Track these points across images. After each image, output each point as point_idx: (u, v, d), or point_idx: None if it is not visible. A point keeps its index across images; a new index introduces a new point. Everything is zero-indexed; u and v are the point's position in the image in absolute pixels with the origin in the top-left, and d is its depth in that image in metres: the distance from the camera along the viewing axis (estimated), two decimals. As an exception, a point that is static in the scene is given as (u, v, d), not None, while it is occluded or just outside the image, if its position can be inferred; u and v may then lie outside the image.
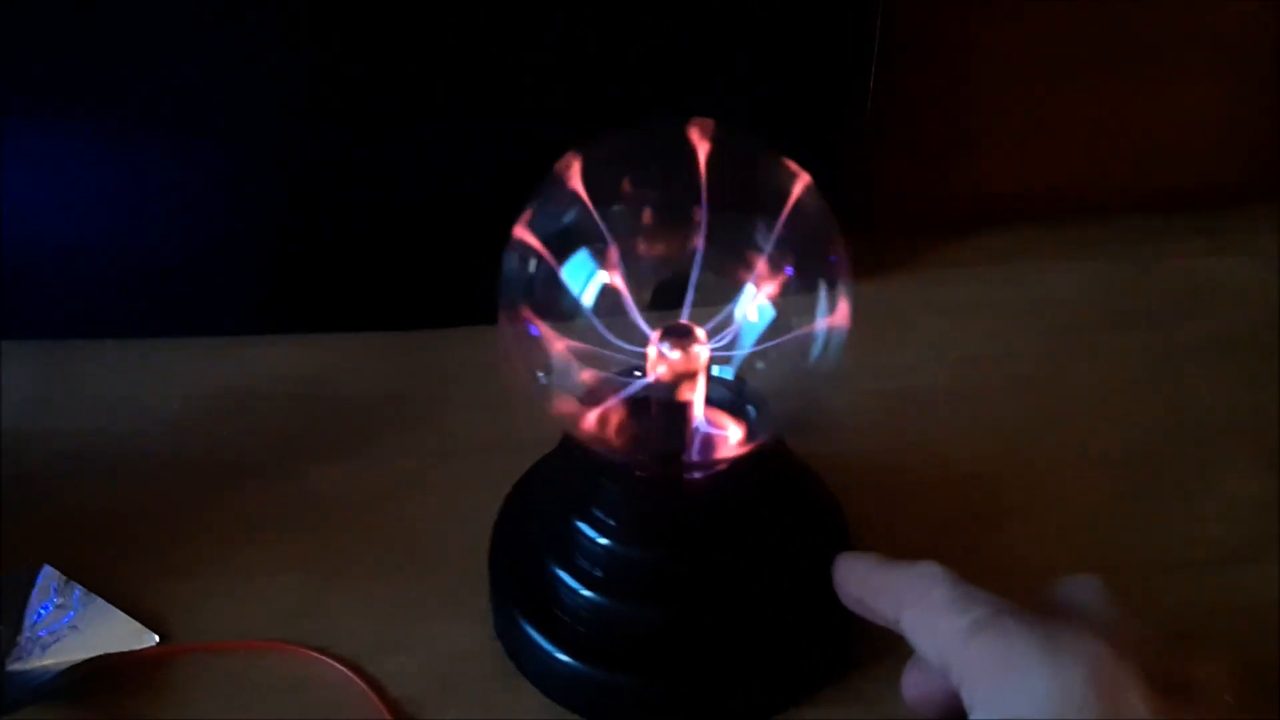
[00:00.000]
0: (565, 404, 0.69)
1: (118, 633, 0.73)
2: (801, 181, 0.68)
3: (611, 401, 0.68)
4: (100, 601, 0.75)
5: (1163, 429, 0.90)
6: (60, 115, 0.86)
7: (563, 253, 0.66)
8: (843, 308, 0.69)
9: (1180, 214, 1.10)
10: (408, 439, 0.84)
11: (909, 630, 0.59)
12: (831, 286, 0.69)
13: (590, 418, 0.68)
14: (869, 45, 0.91)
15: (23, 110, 0.85)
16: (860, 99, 0.93)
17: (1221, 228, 1.09)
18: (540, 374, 0.68)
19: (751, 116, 0.85)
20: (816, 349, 0.69)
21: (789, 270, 0.68)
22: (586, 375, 0.68)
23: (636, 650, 0.69)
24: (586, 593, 0.69)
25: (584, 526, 0.69)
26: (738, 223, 0.67)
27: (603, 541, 0.69)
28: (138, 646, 0.72)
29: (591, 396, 0.69)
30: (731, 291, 0.67)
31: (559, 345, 0.67)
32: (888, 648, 0.70)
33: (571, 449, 0.72)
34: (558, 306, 0.67)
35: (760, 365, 0.69)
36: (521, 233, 0.67)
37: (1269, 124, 1.09)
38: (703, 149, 0.65)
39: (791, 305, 0.68)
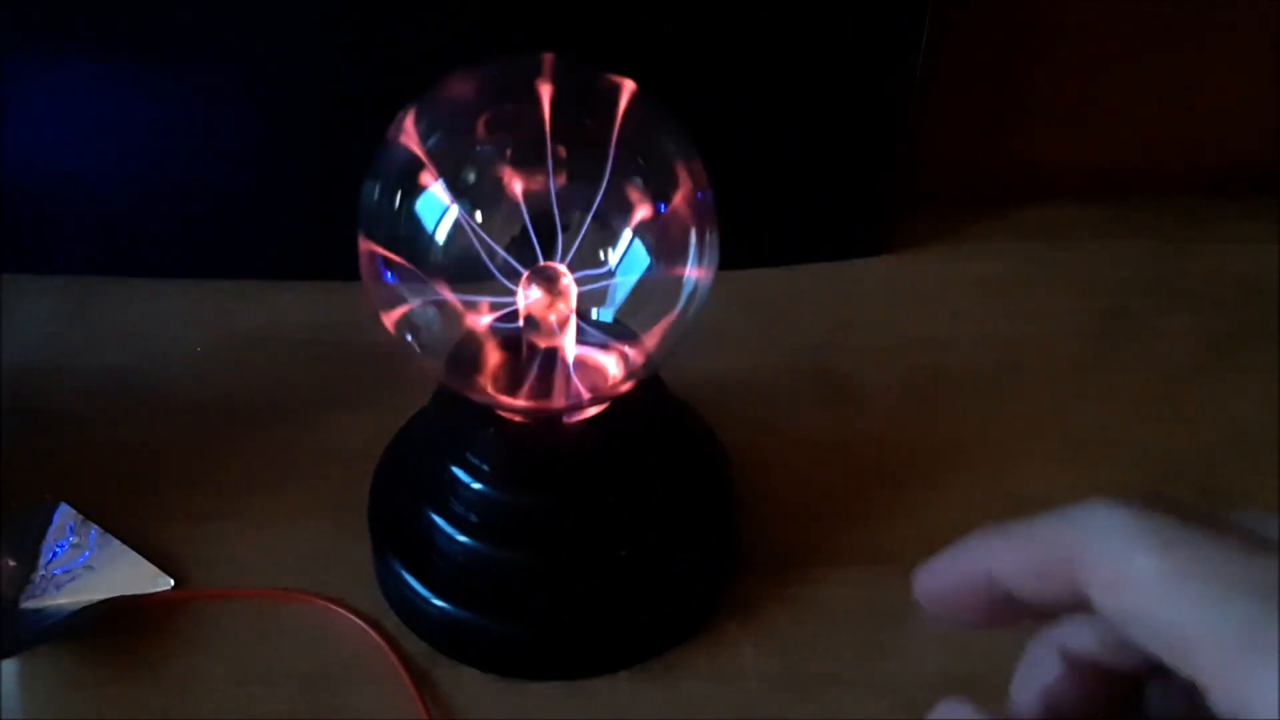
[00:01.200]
0: (431, 354, 0.69)
1: (132, 575, 0.74)
2: (667, 125, 0.67)
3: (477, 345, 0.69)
4: (116, 543, 0.76)
5: (1203, 418, 0.86)
6: (89, 49, 0.86)
7: (414, 192, 0.66)
8: (711, 245, 0.68)
9: (1230, 198, 1.03)
10: (428, 387, 0.80)
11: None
12: (700, 224, 0.67)
13: (459, 365, 0.69)
14: (920, 15, 0.88)
15: (50, 43, 0.85)
16: (909, 69, 0.91)
17: (1273, 214, 1.02)
18: (406, 324, 0.68)
19: (800, 85, 0.91)
20: (687, 286, 0.68)
21: (659, 208, 0.66)
22: (454, 321, 0.68)
23: (513, 594, 0.70)
24: (461, 538, 0.70)
25: (459, 471, 0.69)
26: (596, 161, 0.65)
27: (476, 486, 0.69)
28: (152, 590, 0.73)
29: (461, 343, 0.69)
30: (602, 233, 0.66)
31: (421, 291, 0.67)
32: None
33: (447, 396, 0.72)
34: (416, 249, 0.66)
35: (633, 305, 0.68)
36: (374, 174, 0.67)
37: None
38: (547, 88, 0.65)
39: (662, 244, 0.67)
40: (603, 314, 0.69)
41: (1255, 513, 0.41)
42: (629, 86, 0.65)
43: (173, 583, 0.74)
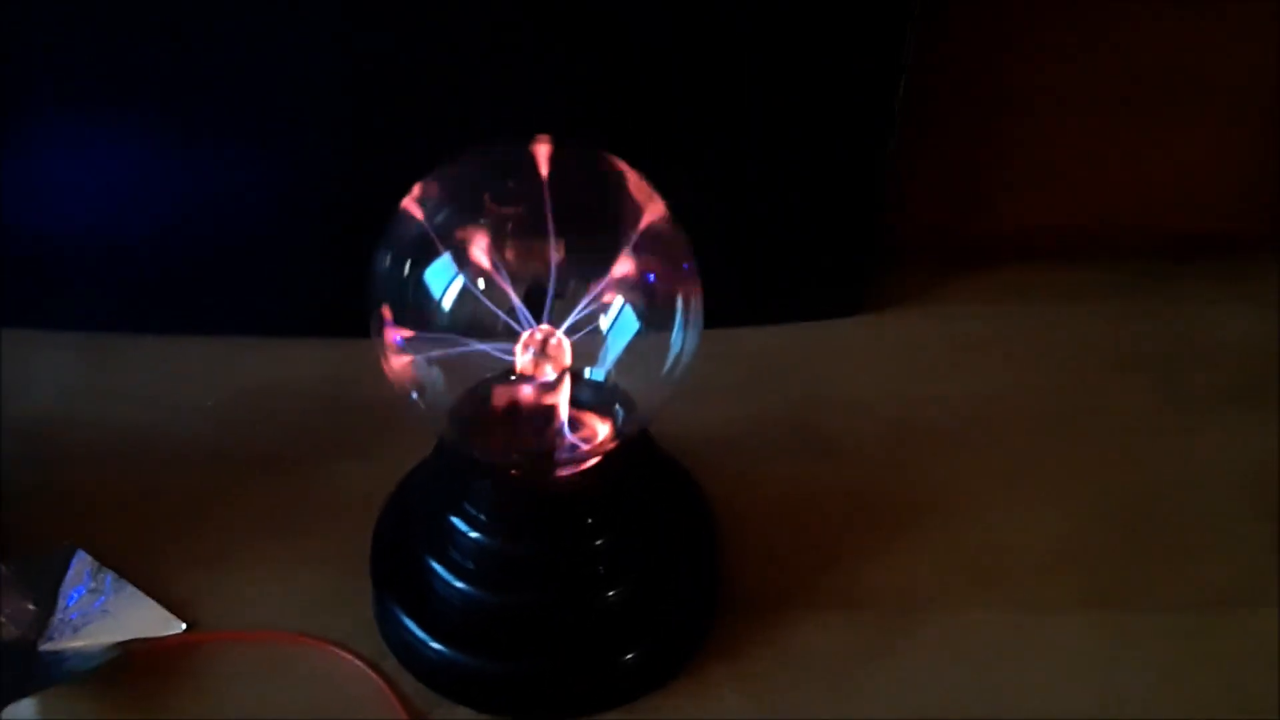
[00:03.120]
0: (434, 411, 0.72)
1: (147, 619, 0.76)
2: (653, 200, 0.70)
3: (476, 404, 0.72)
4: (131, 588, 0.78)
5: (1168, 472, 0.89)
6: (106, 107, 0.87)
7: (422, 261, 0.69)
8: (695, 311, 0.71)
9: (1199, 260, 1.07)
10: (429, 440, 0.82)
11: None
12: (685, 292, 0.71)
13: (459, 422, 0.72)
14: (896, 79, 0.91)
15: (66, 104, 0.87)
16: (887, 134, 0.93)
17: (1240, 276, 1.06)
18: (412, 382, 0.71)
19: (780, 150, 0.94)
20: (673, 350, 0.71)
21: (648, 278, 0.70)
22: (456, 382, 0.72)
23: (507, 638, 0.73)
24: (459, 583, 0.73)
25: (457, 521, 0.72)
26: (594, 235, 0.69)
27: (474, 535, 0.72)
28: (166, 633, 0.75)
29: (462, 401, 0.72)
30: (595, 300, 0.70)
31: (427, 352, 0.70)
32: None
33: (447, 449, 0.75)
34: (423, 314, 0.69)
35: (623, 366, 0.71)
36: (389, 245, 0.70)
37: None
38: (546, 166, 0.68)
39: (651, 311, 0.70)
40: (595, 374, 0.72)
41: None
42: (621, 167, 0.69)
43: (185, 626, 0.76)
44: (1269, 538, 0.83)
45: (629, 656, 0.73)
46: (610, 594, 0.73)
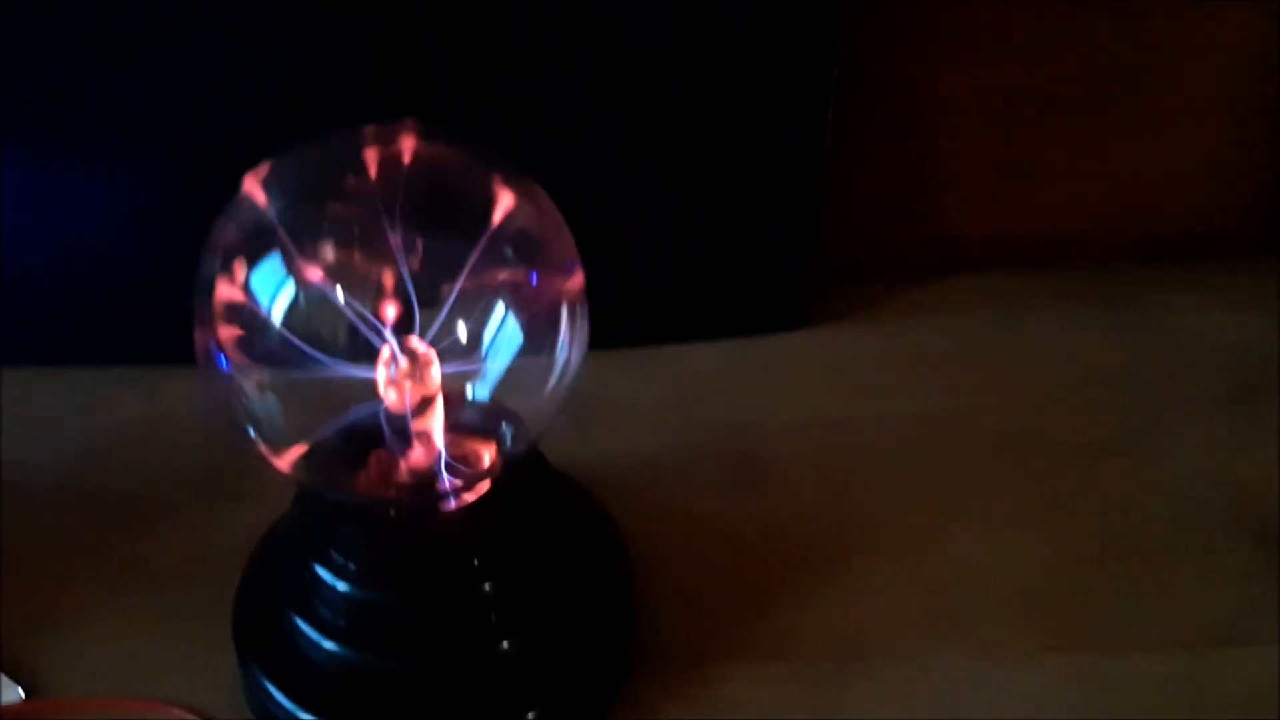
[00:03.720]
0: (277, 448, 0.65)
1: None
2: (529, 191, 0.63)
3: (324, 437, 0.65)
4: None
5: (1141, 496, 0.83)
6: None
7: (252, 264, 0.62)
8: (581, 315, 0.65)
9: (1160, 264, 1.02)
10: None
11: None
12: (571, 294, 0.64)
13: (311, 458, 0.65)
14: (827, 82, 0.87)
15: None
16: (820, 136, 0.89)
17: (1205, 280, 1.01)
18: (245, 415, 0.64)
19: (710, 154, 0.89)
20: (559, 359, 0.64)
21: (532, 279, 0.63)
22: (301, 410, 0.65)
23: (387, 704, 0.66)
24: (327, 644, 0.66)
25: (322, 571, 0.65)
26: (462, 231, 0.61)
27: (341, 587, 0.65)
28: (1, 702, 0.70)
29: (313, 435, 0.65)
30: (466, 306, 0.62)
31: (257, 377, 0.63)
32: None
33: (307, 489, 0.69)
34: (254, 330, 0.62)
35: (504, 383, 0.64)
36: (213, 247, 0.63)
37: (1261, 172, 1.00)
38: (407, 152, 0.61)
39: (532, 318, 0.64)
40: (477, 391, 0.65)
41: None
42: (495, 154, 0.63)
43: (22, 694, 0.70)
44: (1259, 565, 0.77)
45: (529, 718, 0.66)
46: (504, 646, 0.66)
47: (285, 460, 0.64)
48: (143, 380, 0.93)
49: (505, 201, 0.61)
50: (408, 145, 0.61)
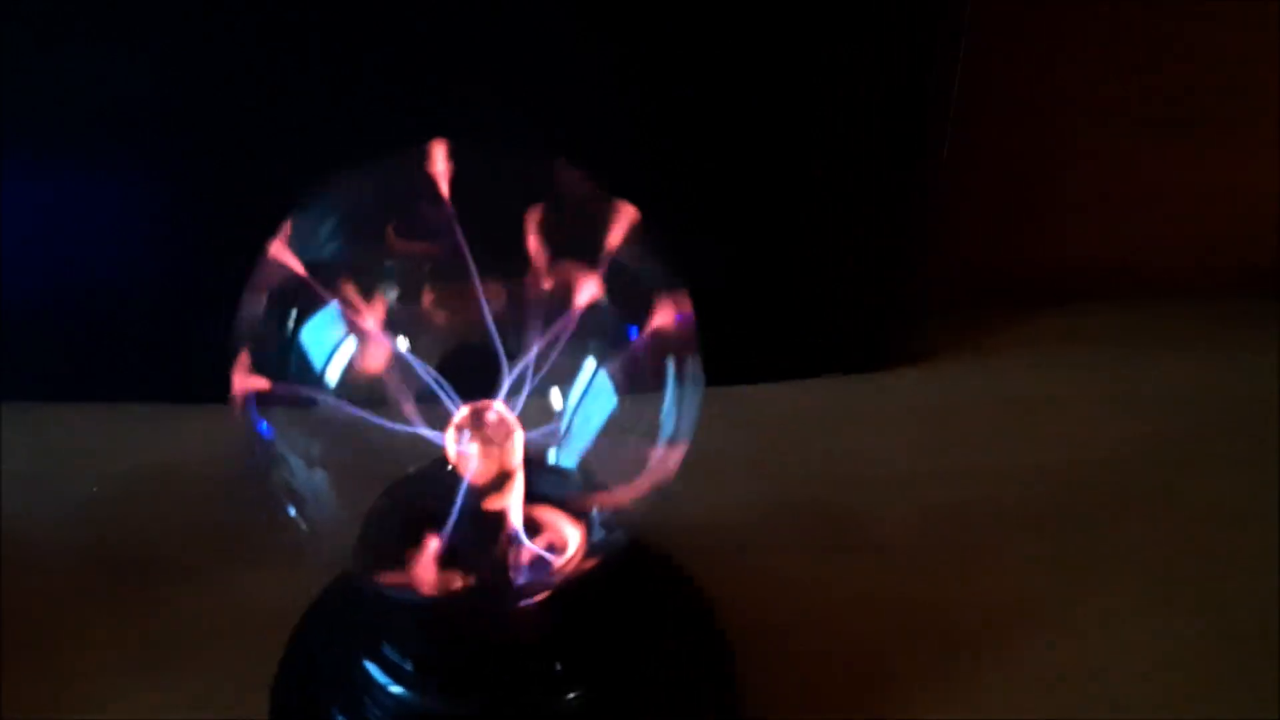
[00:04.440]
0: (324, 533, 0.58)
1: None
2: (626, 218, 0.56)
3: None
4: None
5: None
6: None
7: (299, 318, 0.56)
8: (693, 377, 0.58)
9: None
10: None
11: None
12: (679, 349, 0.58)
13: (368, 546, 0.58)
14: (942, 109, 0.84)
15: None
16: (927, 163, 0.85)
17: None
18: (287, 492, 0.57)
19: (807, 178, 0.85)
20: (667, 427, 0.58)
21: (631, 333, 0.56)
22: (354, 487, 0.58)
23: None
24: None
25: (373, 668, 0.59)
26: (547, 276, 0.55)
27: (395, 690, 0.58)
28: None
29: (369, 517, 0.59)
30: (557, 363, 0.56)
31: (306, 448, 0.56)
32: None
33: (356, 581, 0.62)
34: (301, 393, 0.56)
35: (597, 451, 0.58)
36: (257, 287, 0.56)
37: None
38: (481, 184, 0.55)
39: (632, 378, 0.58)
40: (561, 461, 0.59)
41: None
42: (591, 184, 0.56)
43: None
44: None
45: None
46: None
47: (328, 546, 0.59)
48: (156, 419, 0.87)
49: (605, 232, 0.55)
50: (479, 168, 0.55)
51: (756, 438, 0.86)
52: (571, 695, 0.58)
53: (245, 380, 0.55)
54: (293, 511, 0.57)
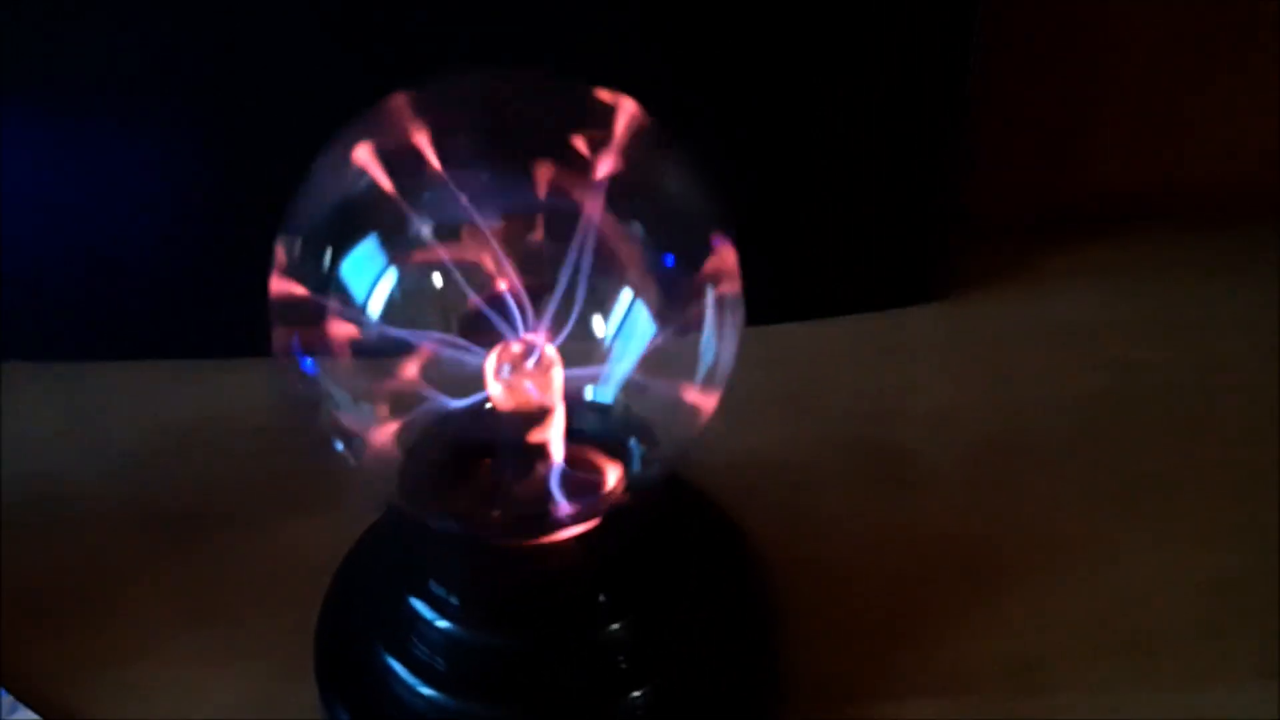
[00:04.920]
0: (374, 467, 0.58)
1: None
2: (658, 141, 0.56)
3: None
4: (7, 699, 0.68)
5: None
6: None
7: (340, 249, 0.56)
8: (736, 302, 0.58)
9: None
10: None
11: None
12: (719, 276, 0.57)
13: (410, 479, 0.58)
14: (969, 25, 0.82)
15: None
16: (959, 87, 0.83)
17: None
18: (335, 427, 0.58)
19: (836, 107, 0.84)
20: (705, 357, 0.58)
21: (666, 260, 0.57)
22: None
23: None
24: (426, 690, 0.59)
25: (419, 605, 0.59)
26: (584, 202, 0.54)
27: (442, 624, 0.59)
28: None
29: (412, 450, 0.59)
30: (593, 294, 0.56)
31: (353, 382, 0.56)
32: None
33: (401, 512, 0.62)
34: (343, 326, 0.56)
35: (637, 385, 0.58)
36: (294, 223, 0.57)
37: None
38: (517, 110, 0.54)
39: (672, 306, 0.58)
40: (599, 396, 0.59)
41: None
42: (627, 108, 0.55)
43: None
44: None
45: None
46: (636, 695, 0.59)
47: (378, 480, 0.59)
48: (194, 375, 0.87)
49: (638, 153, 0.55)
50: (517, 93, 0.55)
51: (794, 376, 0.86)
52: (615, 626, 0.59)
53: (284, 318, 0.56)
54: (339, 446, 0.58)
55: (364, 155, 0.55)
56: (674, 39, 0.81)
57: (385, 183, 0.54)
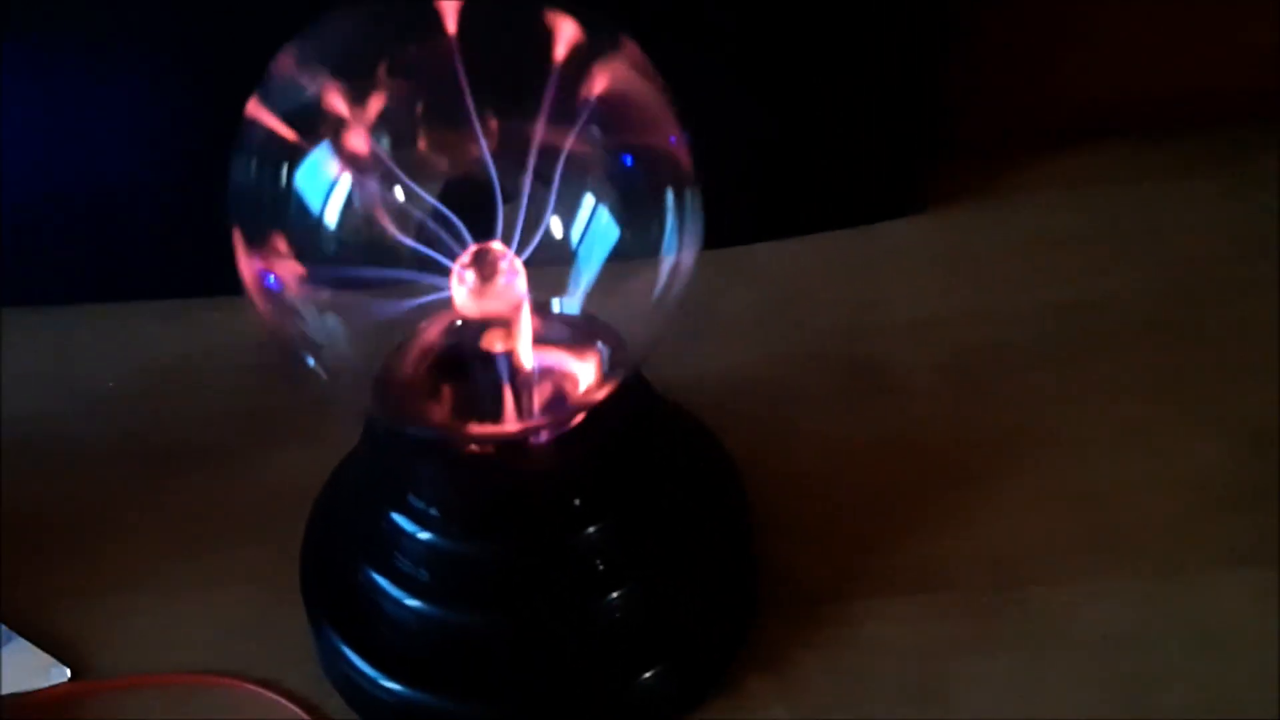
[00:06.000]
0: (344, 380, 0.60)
1: (20, 667, 0.67)
2: (619, 52, 0.57)
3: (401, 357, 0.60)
4: (4, 630, 0.69)
5: None
6: None
7: (294, 164, 0.56)
8: (692, 203, 0.59)
9: None
10: None
11: None
12: (675, 176, 0.58)
13: (384, 389, 0.60)
14: None
15: None
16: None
17: None
18: (304, 342, 0.59)
19: (811, 19, 0.84)
20: (667, 258, 0.59)
21: (624, 160, 0.58)
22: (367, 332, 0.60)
23: (481, 668, 0.62)
24: (411, 601, 0.61)
25: (400, 519, 0.61)
26: (537, 109, 0.55)
27: (424, 536, 0.60)
28: (45, 684, 0.67)
29: (385, 362, 0.61)
30: (552, 200, 0.57)
31: (314, 295, 0.57)
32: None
33: (379, 427, 0.63)
34: (305, 241, 0.57)
35: (600, 289, 0.59)
36: (245, 144, 0.57)
37: None
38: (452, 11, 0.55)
39: (631, 208, 0.59)
40: (565, 305, 0.60)
41: None
42: (612, 39, 0.57)
43: (69, 674, 0.67)
44: None
45: (646, 677, 0.62)
46: (614, 597, 0.61)
47: (350, 393, 0.61)
48: (174, 315, 0.89)
49: (598, 63, 0.56)
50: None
51: (774, 293, 0.87)
52: (591, 530, 0.61)
53: (246, 239, 0.57)
54: (311, 361, 0.59)
55: (303, 78, 0.56)
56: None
57: (338, 103, 0.55)
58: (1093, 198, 0.93)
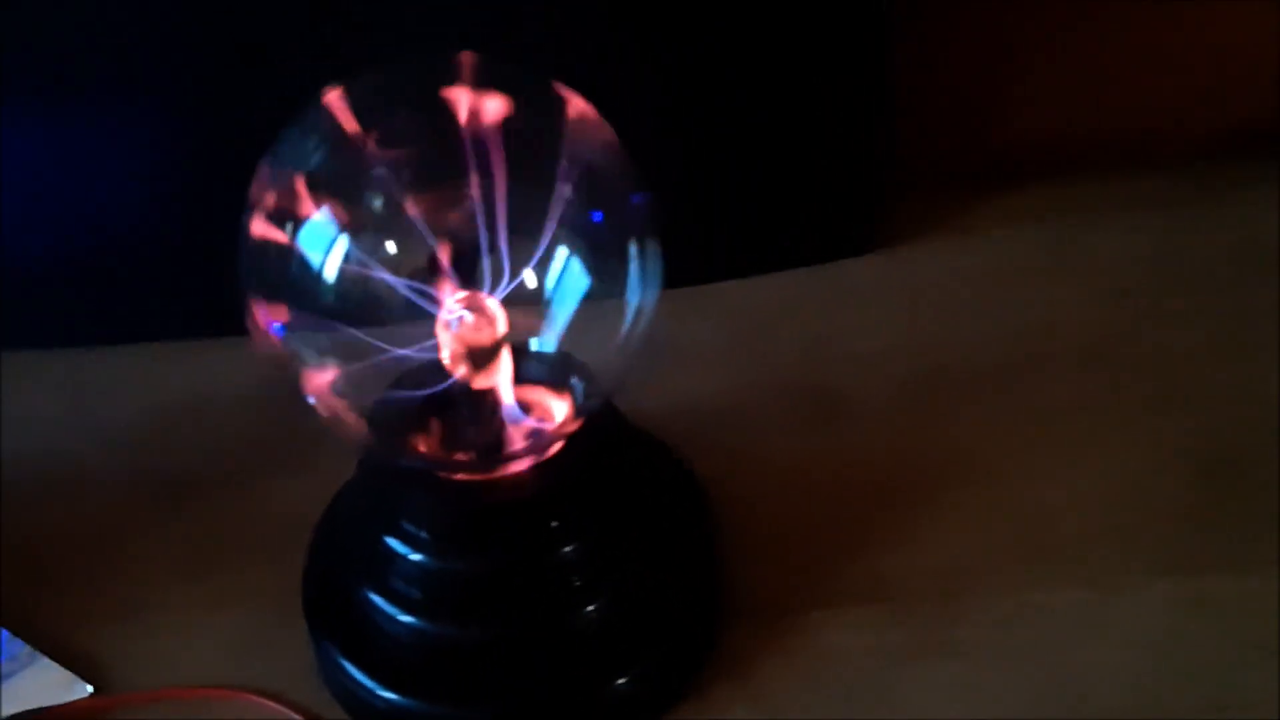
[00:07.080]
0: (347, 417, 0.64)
1: (45, 684, 0.70)
2: (580, 112, 0.62)
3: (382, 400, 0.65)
4: (25, 649, 0.72)
5: (1245, 407, 0.80)
6: None
7: (296, 226, 0.62)
8: (653, 254, 0.64)
9: (1241, 161, 0.97)
10: None
11: None
12: (640, 231, 0.63)
13: (378, 426, 0.65)
14: None
15: None
16: (882, 45, 0.87)
17: None
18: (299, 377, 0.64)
19: (765, 71, 0.87)
20: (632, 303, 0.64)
21: (595, 217, 0.62)
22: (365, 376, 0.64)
23: (470, 677, 0.66)
24: (405, 617, 0.66)
25: (394, 543, 0.65)
26: (518, 172, 0.61)
27: (415, 557, 0.65)
28: (68, 699, 0.69)
29: (378, 401, 0.65)
30: (528, 253, 0.62)
31: (315, 342, 0.63)
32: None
33: (374, 459, 0.68)
34: (306, 295, 0.62)
35: (574, 333, 0.64)
36: (255, 203, 0.62)
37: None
38: (463, 92, 0.60)
39: (600, 259, 0.63)
40: (541, 344, 0.65)
41: None
42: (583, 110, 0.62)
43: (91, 689, 0.70)
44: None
45: (620, 683, 0.66)
46: (589, 610, 0.66)
47: (351, 429, 0.65)
48: (180, 356, 0.92)
49: (568, 130, 0.61)
50: (450, 79, 0.60)
51: (737, 329, 0.90)
52: (567, 549, 0.65)
53: (253, 296, 0.62)
54: (310, 399, 0.63)
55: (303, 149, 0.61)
56: (601, 20, 0.84)
57: (329, 178, 0.61)
58: (1037, 233, 0.95)
